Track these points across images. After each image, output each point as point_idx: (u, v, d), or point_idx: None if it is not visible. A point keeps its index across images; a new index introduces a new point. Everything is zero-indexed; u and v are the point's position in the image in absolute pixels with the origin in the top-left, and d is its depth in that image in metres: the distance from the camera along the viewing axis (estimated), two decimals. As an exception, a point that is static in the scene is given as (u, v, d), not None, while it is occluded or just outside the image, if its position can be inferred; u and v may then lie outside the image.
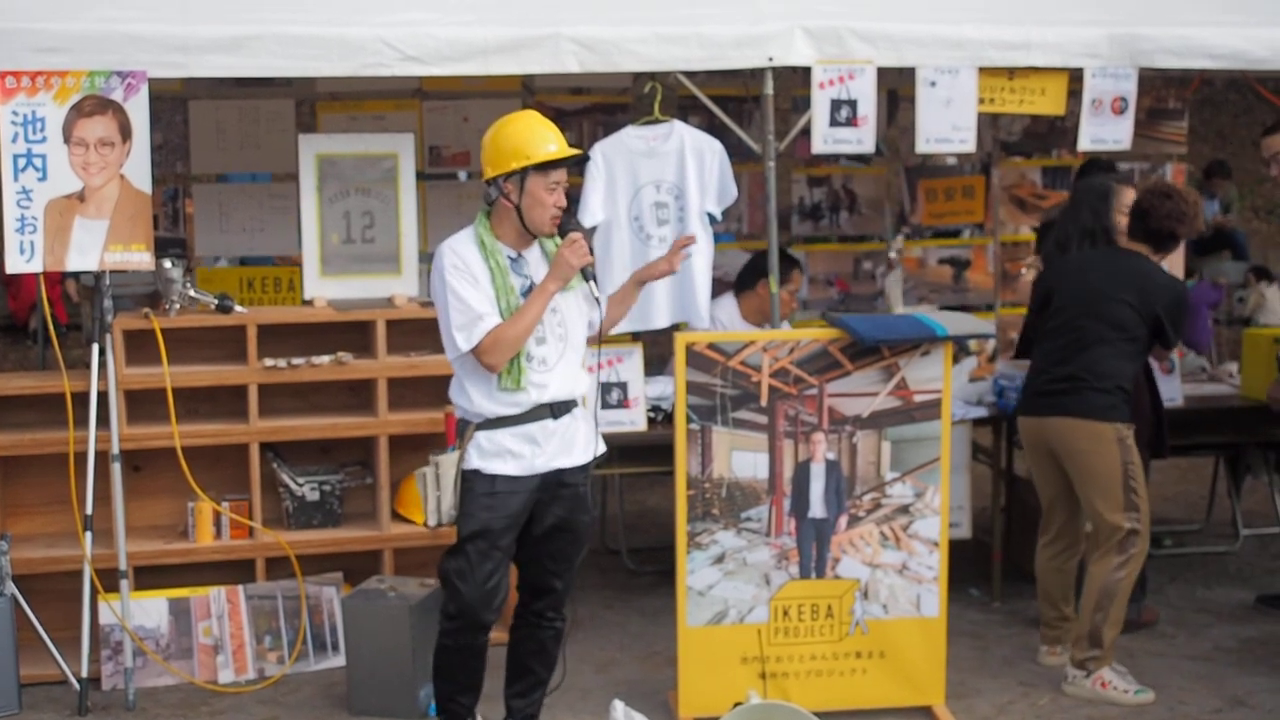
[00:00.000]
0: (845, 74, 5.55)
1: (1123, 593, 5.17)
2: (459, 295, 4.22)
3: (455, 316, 4.23)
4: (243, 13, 5.27)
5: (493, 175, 4.29)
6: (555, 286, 4.28)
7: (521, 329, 4.23)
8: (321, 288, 5.86)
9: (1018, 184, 8.41)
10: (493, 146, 4.31)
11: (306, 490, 5.69)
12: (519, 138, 4.27)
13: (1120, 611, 5.19)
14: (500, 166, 4.26)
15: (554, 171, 4.28)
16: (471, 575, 4.32)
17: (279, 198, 7.36)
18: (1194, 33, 5.79)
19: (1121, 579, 5.15)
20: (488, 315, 4.22)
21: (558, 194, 4.30)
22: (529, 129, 4.30)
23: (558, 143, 4.31)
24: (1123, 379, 5.17)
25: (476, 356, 4.23)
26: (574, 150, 4.35)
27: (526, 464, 4.32)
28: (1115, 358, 5.17)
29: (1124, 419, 5.16)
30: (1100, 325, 5.20)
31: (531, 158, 4.24)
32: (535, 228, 4.32)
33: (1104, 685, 5.17)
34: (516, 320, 4.23)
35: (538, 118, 4.38)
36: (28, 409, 5.55)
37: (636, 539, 7.05)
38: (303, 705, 5.23)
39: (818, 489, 4.91)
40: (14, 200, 5.05)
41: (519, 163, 4.24)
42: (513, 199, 4.27)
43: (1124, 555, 5.14)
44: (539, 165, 4.24)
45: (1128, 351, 5.19)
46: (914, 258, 8.34)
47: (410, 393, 5.72)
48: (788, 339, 4.91)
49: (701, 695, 4.91)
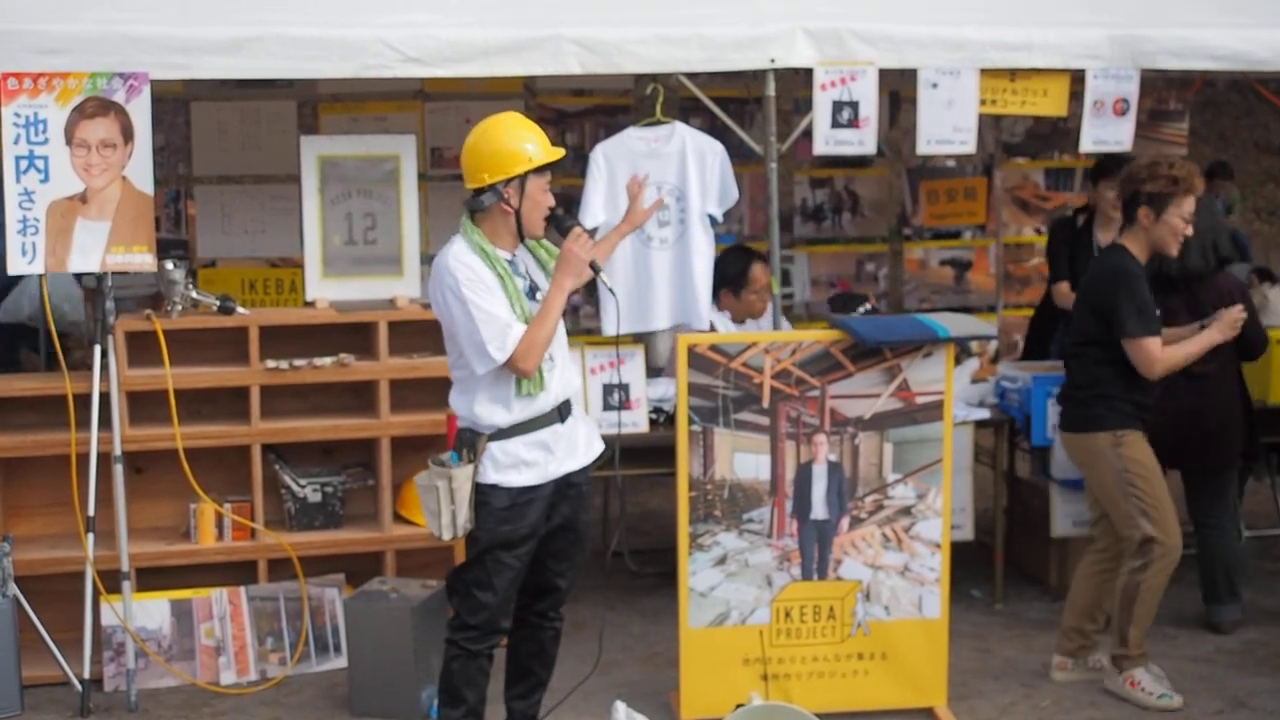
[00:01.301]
0: (847, 75, 5.54)
1: (1145, 594, 5.12)
2: (481, 308, 4.13)
3: (484, 330, 4.13)
4: (244, 14, 5.27)
5: (491, 182, 4.21)
6: (571, 283, 4.24)
7: (549, 330, 4.18)
8: (323, 289, 5.86)
9: (1020, 185, 8.42)
10: (486, 153, 4.22)
11: (308, 491, 5.69)
12: (515, 141, 4.21)
13: (1145, 612, 5.14)
14: (500, 171, 4.19)
15: (548, 172, 4.26)
16: (490, 585, 4.29)
17: (281, 199, 7.37)
18: (1195, 34, 5.79)
19: (1140, 581, 5.11)
20: (514, 322, 4.16)
21: (549, 194, 4.29)
22: (521, 132, 4.25)
23: (546, 142, 4.29)
24: (1101, 385, 5.07)
25: (511, 365, 4.15)
26: (559, 150, 4.33)
27: (541, 471, 4.29)
28: (1089, 365, 5.12)
29: (1111, 426, 5.06)
30: (1074, 334, 5.22)
31: (533, 160, 4.20)
32: (530, 230, 4.27)
33: (1132, 684, 5.16)
34: (542, 322, 4.17)
35: (521, 119, 4.32)
36: (30, 410, 5.55)
37: (638, 540, 7.04)
38: (305, 706, 5.23)
39: (819, 490, 4.91)
40: (16, 202, 5.05)
41: (521, 167, 4.19)
42: (513, 203, 4.24)
43: (1141, 560, 5.11)
44: (538, 167, 4.21)
45: (1095, 356, 5.09)
46: (916, 259, 8.35)
47: (412, 394, 5.72)
48: (790, 340, 4.91)
49: (703, 697, 4.91)
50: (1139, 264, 5.07)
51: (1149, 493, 5.09)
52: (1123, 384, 5.08)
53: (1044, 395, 5.97)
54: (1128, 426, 5.09)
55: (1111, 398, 5.08)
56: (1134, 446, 5.10)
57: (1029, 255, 8.40)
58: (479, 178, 4.22)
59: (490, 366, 4.17)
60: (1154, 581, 5.14)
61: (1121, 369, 5.07)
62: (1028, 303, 8.18)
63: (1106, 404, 5.08)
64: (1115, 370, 5.07)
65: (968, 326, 5.35)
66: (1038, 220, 8.41)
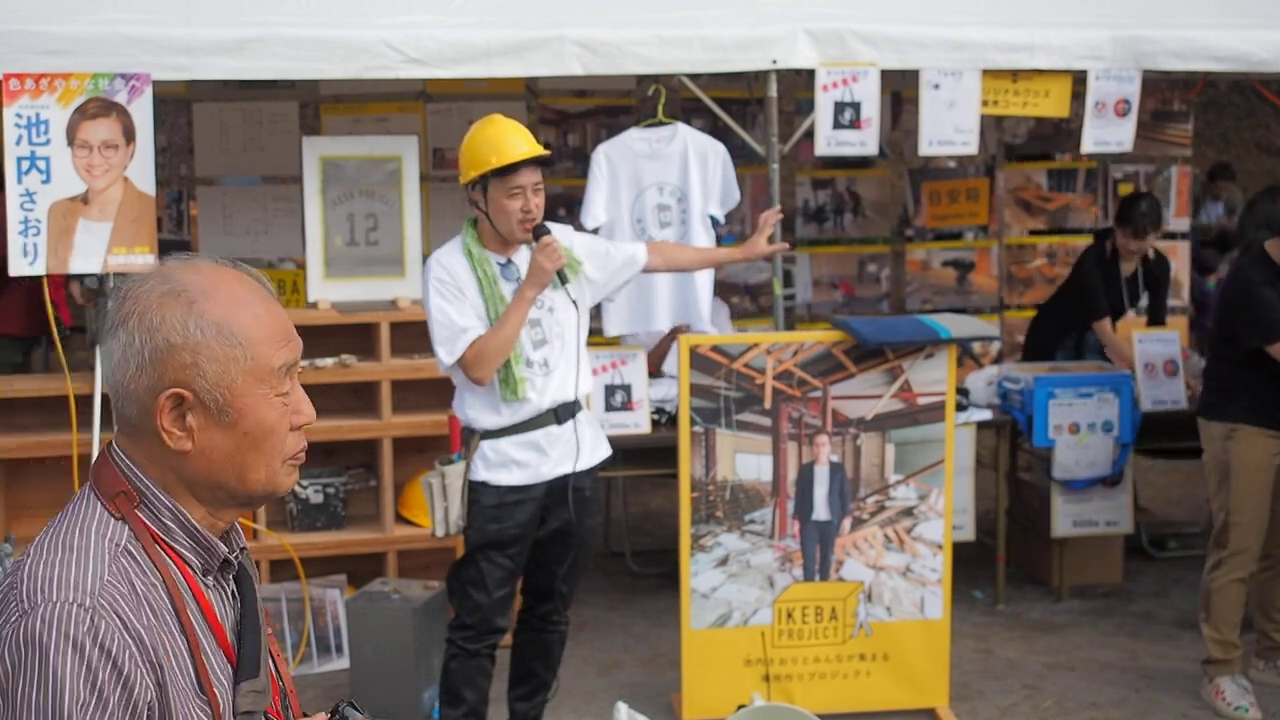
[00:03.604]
0: (849, 76, 5.54)
1: (1215, 595, 5.10)
2: (441, 309, 4.19)
3: (438, 331, 4.20)
4: (246, 15, 5.27)
5: (463, 183, 4.28)
6: (533, 293, 4.22)
7: (503, 338, 4.17)
8: (325, 290, 5.86)
9: (1023, 186, 8.41)
10: (462, 154, 4.27)
11: (310, 493, 5.69)
12: (482, 144, 4.20)
13: (1219, 616, 5.10)
14: (466, 174, 4.24)
15: (515, 177, 4.16)
16: (484, 584, 4.30)
17: (283, 200, 7.37)
18: (1197, 35, 5.79)
19: (1212, 580, 5.10)
20: (470, 328, 4.18)
21: (523, 200, 4.17)
22: (490, 134, 4.22)
23: (523, 144, 4.19)
24: (1227, 379, 5.13)
25: (463, 369, 4.20)
26: (533, 151, 4.19)
27: (532, 472, 4.30)
28: (1223, 356, 5.20)
29: (1227, 418, 5.09)
30: (1215, 325, 5.41)
31: (488, 163, 4.16)
32: (505, 234, 4.25)
33: (1216, 693, 5.12)
34: (497, 330, 4.17)
35: (503, 121, 4.28)
36: (31, 412, 5.55)
37: (640, 541, 7.05)
38: (306, 707, 5.21)
39: (821, 491, 4.91)
40: (18, 203, 5.05)
41: (478, 170, 4.19)
42: (480, 206, 4.25)
43: (1215, 556, 5.12)
44: (496, 171, 4.15)
45: (1225, 351, 5.18)
46: (918, 260, 8.34)
47: (414, 395, 5.72)
48: (791, 341, 4.91)
49: (705, 697, 4.91)
50: (1265, 271, 5.03)
51: (1239, 492, 5.07)
52: (1244, 381, 5.09)
53: (1046, 396, 5.97)
54: (1243, 422, 5.09)
55: (1233, 392, 5.11)
56: (1244, 443, 5.07)
57: (1031, 256, 8.39)
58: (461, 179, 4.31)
59: (443, 368, 4.27)
60: (1223, 582, 5.09)
61: (1246, 367, 5.09)
62: (1030, 304, 8.17)
63: (1228, 397, 5.12)
64: (1241, 367, 5.11)
65: (970, 327, 5.35)
66: (1040, 221, 8.40)
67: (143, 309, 1.72)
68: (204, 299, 1.73)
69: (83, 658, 1.60)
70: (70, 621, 1.61)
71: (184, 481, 1.76)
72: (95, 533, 1.71)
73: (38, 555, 1.70)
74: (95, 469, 1.79)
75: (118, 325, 1.73)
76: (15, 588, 1.67)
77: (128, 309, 1.73)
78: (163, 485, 1.75)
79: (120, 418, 1.77)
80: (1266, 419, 5.07)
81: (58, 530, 1.73)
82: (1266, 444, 5.07)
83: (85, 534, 1.71)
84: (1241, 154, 14.29)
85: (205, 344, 1.72)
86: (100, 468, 1.78)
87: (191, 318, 1.72)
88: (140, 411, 1.73)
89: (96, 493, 1.75)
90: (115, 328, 1.73)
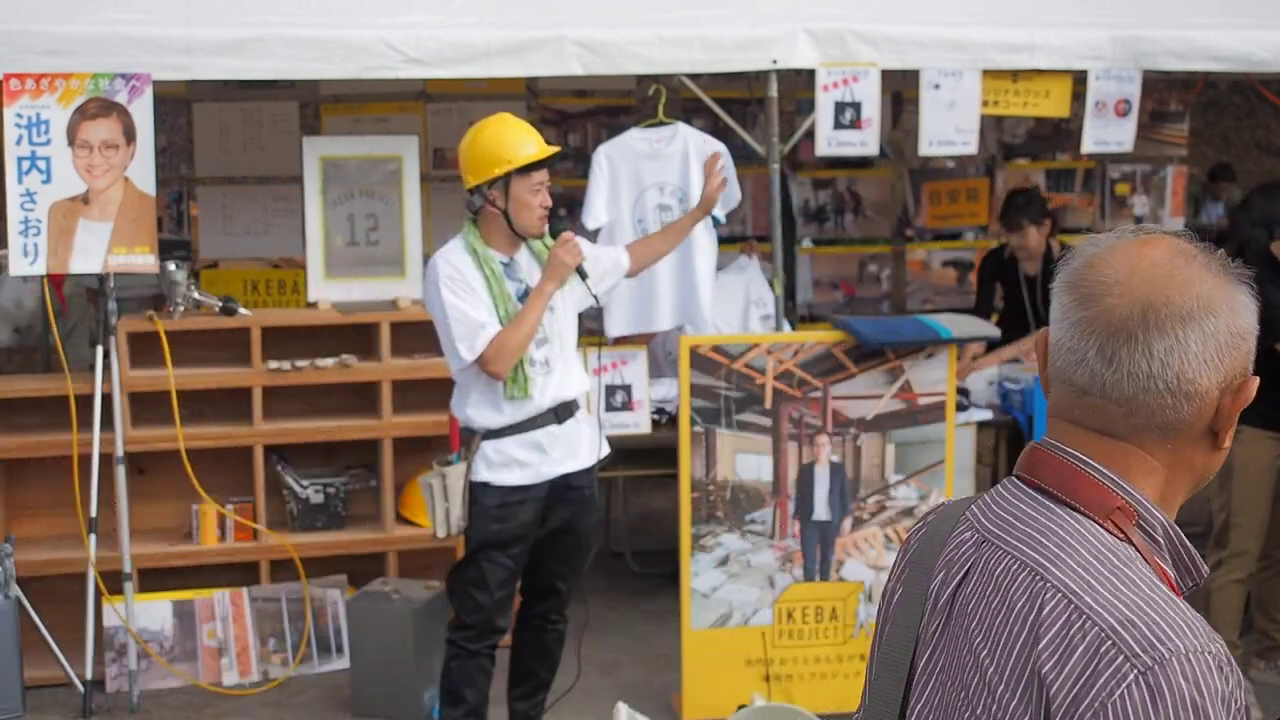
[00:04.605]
0: (849, 76, 5.54)
1: (1217, 596, 5.06)
2: (457, 306, 4.19)
3: (456, 328, 4.20)
4: (246, 15, 5.27)
5: (475, 184, 4.26)
6: (552, 287, 4.26)
7: (524, 334, 4.21)
8: (325, 290, 5.86)
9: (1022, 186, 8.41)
10: (472, 154, 4.27)
11: (311, 493, 5.69)
12: (498, 143, 4.24)
13: (1219, 616, 5.05)
14: (482, 174, 4.24)
15: (536, 173, 4.25)
16: (485, 584, 4.31)
17: (283, 200, 7.37)
18: (1197, 35, 5.78)
19: (1211, 580, 5.06)
20: (488, 323, 4.20)
21: (542, 194, 4.28)
22: (507, 133, 4.27)
23: (536, 144, 4.29)
24: None
25: (481, 366, 4.21)
26: (553, 149, 4.32)
27: (534, 472, 4.31)
28: None
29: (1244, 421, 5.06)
30: None
31: (513, 161, 4.21)
32: (524, 230, 4.29)
33: None
34: (518, 325, 4.20)
35: (513, 120, 4.36)
36: (32, 412, 5.55)
37: (640, 541, 7.04)
38: (307, 708, 5.23)
39: (822, 491, 4.91)
40: (18, 203, 5.05)
41: (501, 168, 4.21)
42: (499, 205, 4.26)
43: (1215, 556, 5.11)
44: (521, 168, 4.22)
45: None
46: (918, 260, 8.34)
47: (414, 395, 5.72)
48: (792, 341, 4.91)
49: (706, 697, 4.91)
50: (1269, 270, 4.94)
51: (1240, 493, 5.07)
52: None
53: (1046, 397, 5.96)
54: (1245, 423, 5.03)
55: None
56: (1246, 444, 5.04)
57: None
58: (467, 179, 4.30)
59: (461, 365, 4.25)
60: (1223, 583, 5.08)
61: (1259, 369, 5.03)
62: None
63: None
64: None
65: (970, 327, 5.35)
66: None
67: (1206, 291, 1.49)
68: None
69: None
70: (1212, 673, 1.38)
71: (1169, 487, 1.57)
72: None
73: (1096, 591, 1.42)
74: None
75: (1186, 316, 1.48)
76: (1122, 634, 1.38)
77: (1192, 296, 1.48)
78: (1158, 498, 1.56)
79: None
80: (1269, 420, 5.05)
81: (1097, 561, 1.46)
82: (1269, 445, 5.06)
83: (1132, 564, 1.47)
84: (1241, 154, 14.27)
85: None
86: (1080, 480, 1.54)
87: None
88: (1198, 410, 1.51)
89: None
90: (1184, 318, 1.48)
